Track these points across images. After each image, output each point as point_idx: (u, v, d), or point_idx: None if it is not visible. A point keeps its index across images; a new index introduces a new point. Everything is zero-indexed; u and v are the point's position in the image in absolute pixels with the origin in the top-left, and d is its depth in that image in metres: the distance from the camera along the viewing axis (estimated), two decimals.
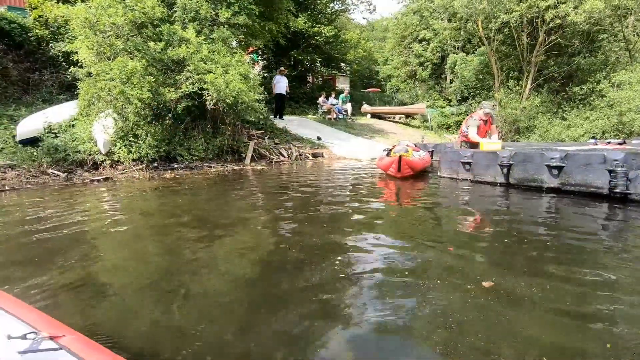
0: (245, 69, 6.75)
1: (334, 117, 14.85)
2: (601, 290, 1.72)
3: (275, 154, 8.38)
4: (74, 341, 0.93)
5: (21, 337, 0.88)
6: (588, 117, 10.10)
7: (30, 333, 0.90)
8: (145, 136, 6.44)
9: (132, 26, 6.02)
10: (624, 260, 2.13)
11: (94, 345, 0.96)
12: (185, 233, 2.79)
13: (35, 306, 1.47)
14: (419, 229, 3.00)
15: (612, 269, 1.97)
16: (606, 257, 2.21)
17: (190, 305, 1.64)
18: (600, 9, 9.32)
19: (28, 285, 1.83)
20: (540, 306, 1.56)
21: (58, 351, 0.88)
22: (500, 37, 13.39)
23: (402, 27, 21.84)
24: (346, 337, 1.37)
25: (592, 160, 3.94)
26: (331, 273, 1.93)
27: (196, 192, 4.78)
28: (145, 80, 5.76)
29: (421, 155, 5.88)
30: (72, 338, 0.94)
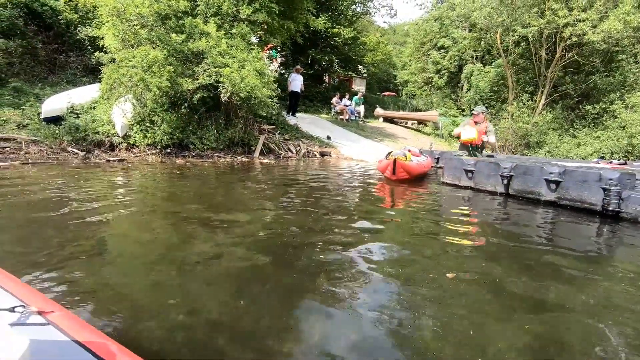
0: (261, 65, 6.97)
1: (346, 118, 15.03)
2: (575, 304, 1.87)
3: (284, 149, 8.59)
4: (62, 318, 0.91)
5: (9, 310, 0.87)
6: (599, 137, 10.07)
7: (18, 306, 0.89)
8: (160, 123, 6.72)
9: (157, 17, 6.28)
10: (606, 275, 2.27)
11: (82, 323, 0.94)
12: (189, 216, 3.00)
13: (35, 275, 1.66)
14: (411, 229, 3.16)
15: (590, 285, 2.11)
16: (587, 271, 2.35)
17: (188, 289, 1.68)
18: (618, 30, 9.30)
19: (30, 257, 1.94)
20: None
21: (45, 326, 0.86)
22: (518, 50, 13.38)
23: (422, 33, 21.92)
24: (351, 336, 1.38)
25: (588, 178, 4.04)
26: (327, 263, 2.07)
27: (204, 179, 5.01)
28: (165, 69, 6.03)
29: (420, 161, 6.01)
30: (60, 315, 0.93)
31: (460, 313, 1.58)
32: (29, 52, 9.25)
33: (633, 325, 1.55)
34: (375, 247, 2.46)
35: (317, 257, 2.14)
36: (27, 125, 6.29)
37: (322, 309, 1.57)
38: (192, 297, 1.61)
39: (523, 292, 1.86)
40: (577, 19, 9.87)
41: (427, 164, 6.32)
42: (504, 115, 13.23)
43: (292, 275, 1.92)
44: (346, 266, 2.04)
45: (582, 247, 2.88)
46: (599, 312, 1.66)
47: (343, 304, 1.62)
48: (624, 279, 2.13)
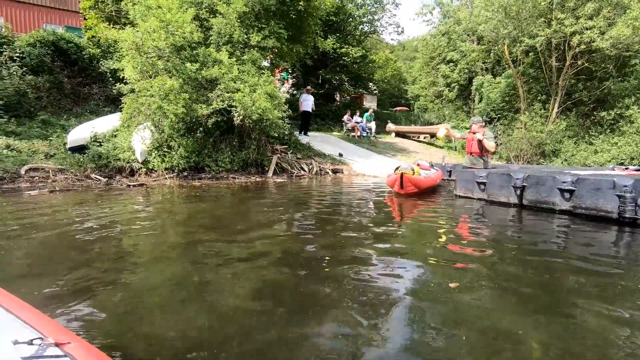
0: (272, 88, 7.22)
1: (358, 134, 15.18)
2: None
3: (296, 168, 8.75)
4: (79, 348, 0.93)
5: (27, 343, 0.89)
6: (616, 143, 9.86)
7: (36, 339, 0.91)
8: (177, 147, 7.01)
9: (173, 49, 6.65)
10: (625, 285, 2.26)
11: (99, 354, 0.96)
12: (206, 237, 3.13)
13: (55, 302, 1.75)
14: (425, 245, 3.19)
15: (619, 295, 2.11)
16: (605, 280, 2.34)
17: (206, 311, 1.72)
18: (627, 35, 9.24)
19: (51, 281, 2.05)
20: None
21: (62, 358, 0.88)
22: (528, 60, 13.37)
23: (430, 48, 22.15)
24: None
25: (602, 185, 4.00)
26: (344, 283, 2.10)
27: (219, 200, 5.18)
28: (180, 97, 6.33)
29: (428, 174, 6.04)
30: (77, 345, 0.94)
31: (485, 324, 1.63)
32: (55, 86, 9.85)
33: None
34: (392, 262, 2.52)
35: (333, 274, 2.21)
36: (54, 155, 6.67)
37: (341, 328, 1.59)
38: (212, 322, 1.63)
39: (544, 305, 1.88)
40: (585, 26, 9.86)
41: (436, 177, 6.34)
42: (517, 125, 13.10)
43: (307, 291, 1.98)
44: (365, 284, 2.08)
45: (601, 256, 2.85)
46: (616, 324, 1.66)
47: (365, 320, 1.65)
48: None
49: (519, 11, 11.25)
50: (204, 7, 7.58)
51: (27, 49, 9.56)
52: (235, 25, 7.31)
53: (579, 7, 10.13)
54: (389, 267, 2.39)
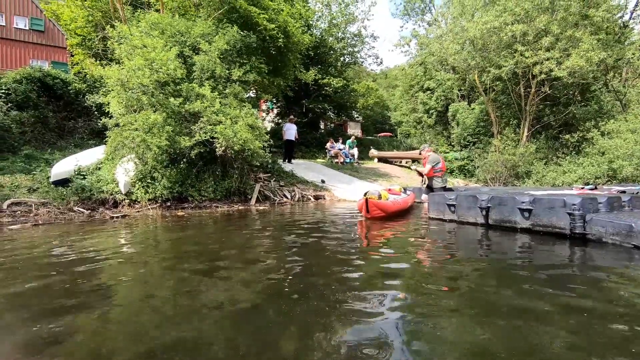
0: (253, 120, 7.57)
1: (341, 161, 15.60)
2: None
3: (279, 195, 8.98)
4: None
5: None
6: (581, 164, 10.48)
7: None
8: (161, 178, 7.19)
9: (157, 85, 6.97)
10: (573, 294, 2.52)
11: None
12: (189, 266, 3.29)
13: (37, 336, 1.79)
14: (399, 265, 3.42)
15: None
16: (557, 292, 2.60)
17: (188, 338, 1.77)
18: (582, 65, 10.07)
19: (32, 314, 2.14)
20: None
21: None
22: (498, 87, 14.23)
23: (409, 77, 23.24)
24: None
25: (554, 204, 4.35)
26: (323, 305, 2.26)
27: (201, 229, 5.34)
28: (164, 130, 6.59)
29: (397, 199, 6.34)
30: None
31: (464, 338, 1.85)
32: (40, 121, 10.02)
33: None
34: (371, 284, 2.69)
35: (315, 299, 2.32)
36: (37, 189, 6.76)
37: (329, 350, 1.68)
38: (197, 347, 1.70)
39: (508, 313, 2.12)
40: (543, 57, 10.70)
41: (404, 202, 6.64)
42: (491, 149, 13.74)
43: (291, 317, 2.05)
44: (349, 307, 2.18)
45: (556, 269, 3.12)
46: (571, 325, 1.91)
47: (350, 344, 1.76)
48: (588, 297, 2.38)
49: (484, 44, 12.13)
50: (188, 45, 8.00)
51: (14, 85, 9.78)
52: (217, 62, 7.73)
53: (538, 40, 11.03)
54: (368, 290, 2.55)
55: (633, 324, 1.88)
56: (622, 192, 5.27)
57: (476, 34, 11.72)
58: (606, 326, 1.87)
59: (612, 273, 2.91)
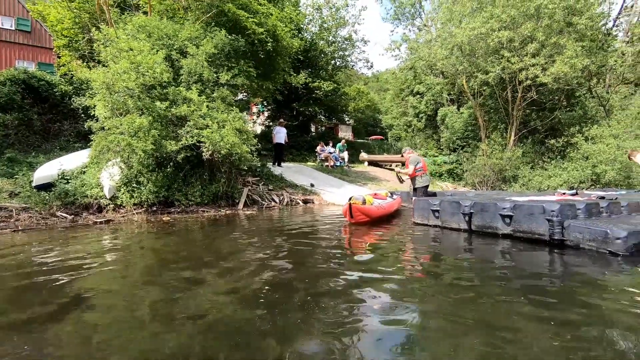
0: (240, 124, 7.55)
1: (331, 164, 15.63)
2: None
3: (267, 199, 8.97)
4: None
5: None
6: (566, 168, 10.67)
7: None
8: (147, 183, 7.13)
9: (143, 88, 6.92)
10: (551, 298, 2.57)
11: None
12: (173, 272, 3.27)
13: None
14: (387, 269, 3.44)
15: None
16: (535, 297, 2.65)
17: (175, 344, 1.79)
18: (565, 72, 10.27)
19: (11, 321, 2.15)
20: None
21: None
22: (486, 92, 14.43)
23: (399, 81, 23.42)
24: None
25: (534, 211, 4.42)
26: (311, 313, 2.29)
27: (186, 234, 5.31)
28: (150, 134, 6.55)
29: (382, 203, 6.39)
30: None
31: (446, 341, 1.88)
32: (24, 123, 9.86)
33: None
34: (357, 287, 2.72)
35: (301, 302, 2.36)
36: (18, 194, 6.64)
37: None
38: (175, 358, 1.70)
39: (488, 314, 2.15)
40: (529, 64, 10.89)
41: (389, 206, 6.68)
42: (479, 153, 13.91)
43: (272, 326, 2.05)
44: (334, 314, 2.20)
45: (536, 274, 3.17)
46: (545, 333, 1.95)
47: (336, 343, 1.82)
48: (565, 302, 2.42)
49: (472, 50, 12.29)
50: (175, 49, 7.97)
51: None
52: (205, 65, 7.71)
53: (523, 46, 11.22)
54: (349, 298, 2.57)
55: (603, 330, 1.93)
56: (601, 197, 5.37)
57: (464, 39, 11.88)
58: (578, 333, 1.92)
59: (587, 281, 2.98)
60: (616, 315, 2.22)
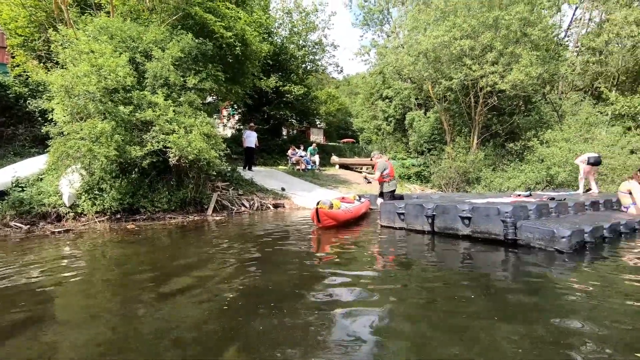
0: (208, 129, 7.46)
1: (302, 168, 15.69)
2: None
3: (237, 204, 8.90)
4: None
5: None
6: (523, 170, 11.33)
7: None
8: (110, 189, 6.89)
9: (105, 92, 6.70)
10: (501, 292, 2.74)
11: None
12: (137, 281, 3.21)
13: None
14: (353, 270, 3.53)
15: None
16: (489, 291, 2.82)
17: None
18: (522, 79, 10.92)
19: None
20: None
21: None
22: (450, 97, 15.03)
23: (369, 85, 23.88)
24: None
25: (490, 212, 4.69)
26: (282, 319, 2.34)
27: (152, 241, 5.19)
28: (112, 139, 6.34)
29: (349, 207, 6.54)
30: None
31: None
32: None
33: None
34: (328, 295, 2.77)
35: (271, 309, 2.40)
36: None
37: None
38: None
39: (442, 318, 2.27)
40: (489, 71, 11.48)
41: (357, 210, 6.85)
42: (445, 156, 14.45)
43: (238, 336, 2.09)
44: (301, 321, 2.24)
45: (493, 272, 3.38)
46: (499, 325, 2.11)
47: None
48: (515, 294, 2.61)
49: (437, 57, 12.79)
50: (139, 52, 7.77)
51: None
52: (171, 69, 7.57)
53: (484, 55, 11.82)
54: (321, 298, 2.65)
55: (550, 320, 2.11)
56: (551, 199, 5.77)
57: (428, 47, 12.34)
58: (529, 323, 2.09)
59: (536, 277, 3.21)
60: (561, 306, 2.43)
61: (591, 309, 2.37)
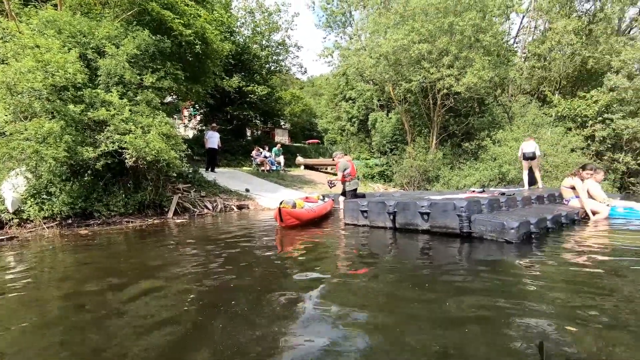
0: (168, 129, 7.22)
1: (267, 169, 15.59)
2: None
3: (200, 206, 8.68)
4: None
5: None
6: (478, 168, 12.00)
7: None
8: (59, 193, 6.48)
9: (52, 89, 6.29)
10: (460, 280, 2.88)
11: None
12: (88, 293, 3.04)
13: None
14: (319, 267, 3.56)
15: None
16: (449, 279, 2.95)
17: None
18: (475, 82, 11.57)
19: None
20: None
21: None
22: (411, 98, 15.58)
23: (333, 86, 24.17)
24: None
25: (447, 208, 4.93)
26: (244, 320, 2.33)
27: (108, 247, 4.94)
28: (62, 140, 5.97)
29: (312, 206, 6.62)
30: None
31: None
32: None
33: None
34: (293, 287, 2.80)
35: (230, 321, 2.33)
36: None
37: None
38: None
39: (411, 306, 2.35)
40: (445, 74, 12.06)
41: (320, 209, 6.94)
42: (406, 156, 14.95)
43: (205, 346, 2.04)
44: (265, 324, 2.18)
45: (450, 263, 3.55)
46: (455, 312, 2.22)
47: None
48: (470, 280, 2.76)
49: (397, 59, 13.22)
50: (91, 48, 7.37)
51: None
52: (127, 66, 7.25)
53: (440, 58, 12.39)
54: (285, 298, 2.63)
55: (501, 300, 2.27)
56: (502, 194, 6.16)
57: (389, 50, 12.72)
58: (481, 305, 2.23)
59: (488, 266, 3.43)
60: (510, 288, 2.62)
61: (535, 289, 2.59)
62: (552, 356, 1.63)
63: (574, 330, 1.91)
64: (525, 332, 1.90)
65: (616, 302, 2.33)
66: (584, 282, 2.76)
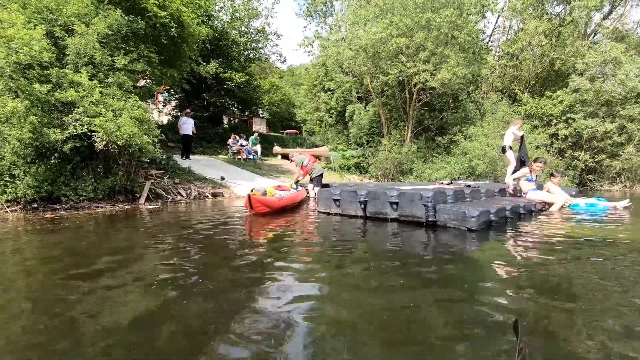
0: (140, 113, 7.08)
1: (243, 157, 15.48)
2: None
3: (173, 193, 8.58)
4: None
5: None
6: (449, 162, 12.44)
7: None
8: (24, 176, 6.26)
9: (16, 67, 6.03)
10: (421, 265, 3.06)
11: None
12: (57, 269, 3.03)
13: None
14: (280, 253, 3.66)
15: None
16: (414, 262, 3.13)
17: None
18: (449, 78, 11.91)
19: None
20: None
21: None
22: (388, 91, 15.81)
23: (312, 77, 24.10)
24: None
25: (414, 198, 5.15)
26: (220, 306, 2.41)
27: (75, 231, 4.86)
28: (27, 120, 5.76)
29: (283, 195, 6.72)
30: None
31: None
32: None
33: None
34: (265, 275, 2.84)
35: (209, 298, 2.42)
36: None
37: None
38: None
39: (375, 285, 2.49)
40: (421, 69, 12.32)
41: (292, 197, 7.04)
42: (381, 148, 15.23)
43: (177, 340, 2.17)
44: (239, 307, 2.26)
45: (414, 249, 3.74)
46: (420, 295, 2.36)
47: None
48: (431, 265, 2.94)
49: (375, 52, 13.36)
50: (59, 25, 7.07)
51: None
52: (97, 46, 7.01)
53: (417, 53, 12.64)
54: (260, 279, 2.73)
55: (463, 284, 2.46)
56: (467, 186, 6.47)
57: (367, 42, 12.84)
58: (444, 287, 2.41)
59: (450, 252, 3.65)
60: (469, 272, 2.83)
61: (492, 273, 2.82)
62: (525, 334, 1.76)
63: (532, 309, 2.12)
64: (487, 313, 2.06)
65: (564, 280, 2.60)
66: (536, 264, 3.02)
